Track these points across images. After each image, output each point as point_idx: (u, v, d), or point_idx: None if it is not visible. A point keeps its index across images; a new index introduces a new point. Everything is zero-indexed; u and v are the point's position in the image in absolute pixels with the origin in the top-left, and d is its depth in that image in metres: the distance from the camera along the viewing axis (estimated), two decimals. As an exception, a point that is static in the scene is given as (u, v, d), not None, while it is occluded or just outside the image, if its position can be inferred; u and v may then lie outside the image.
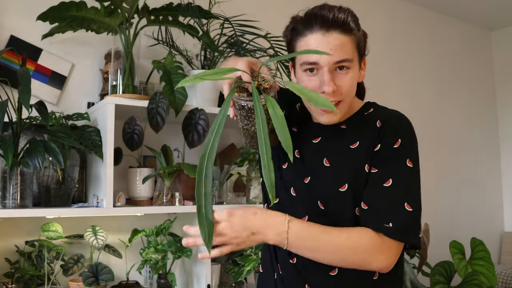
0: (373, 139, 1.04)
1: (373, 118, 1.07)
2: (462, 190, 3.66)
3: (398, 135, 1.03)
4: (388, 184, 1.00)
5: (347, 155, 1.06)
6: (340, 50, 0.99)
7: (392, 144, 1.02)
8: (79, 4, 1.79)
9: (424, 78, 3.55)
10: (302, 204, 1.08)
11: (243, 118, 1.00)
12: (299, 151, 1.13)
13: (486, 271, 2.21)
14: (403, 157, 1.01)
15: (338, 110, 1.00)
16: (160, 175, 1.86)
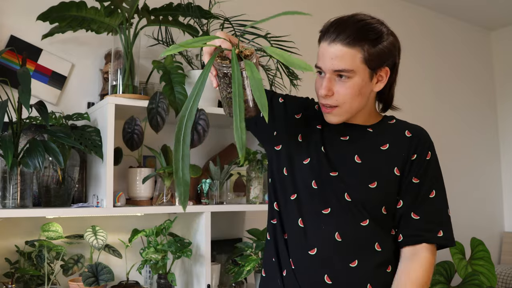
0: (405, 147, 1.15)
1: (400, 127, 1.19)
2: (462, 190, 3.66)
3: (428, 147, 1.16)
4: (433, 196, 1.15)
5: (379, 154, 1.15)
6: (340, 60, 1.06)
7: (425, 156, 1.15)
8: (79, 4, 1.79)
9: (424, 78, 3.55)
10: (325, 197, 1.13)
11: (226, 86, 1.02)
12: (324, 146, 1.19)
13: (486, 271, 2.21)
14: (436, 168, 1.17)
15: (334, 113, 1.12)
16: (160, 175, 1.86)
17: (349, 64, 1.06)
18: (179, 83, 1.78)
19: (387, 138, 1.17)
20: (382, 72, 1.13)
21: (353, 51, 1.06)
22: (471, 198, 3.72)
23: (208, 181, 1.94)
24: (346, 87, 1.08)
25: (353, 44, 1.06)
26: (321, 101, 1.13)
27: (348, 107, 1.11)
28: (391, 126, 1.21)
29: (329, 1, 3.02)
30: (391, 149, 1.15)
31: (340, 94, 1.09)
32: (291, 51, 2.00)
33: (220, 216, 2.26)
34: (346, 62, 1.06)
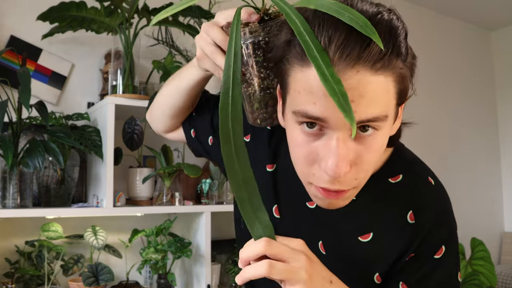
0: (403, 243, 0.69)
1: (404, 199, 0.71)
2: (462, 191, 3.66)
3: (443, 239, 0.70)
4: None
5: (352, 249, 0.72)
6: (370, 102, 0.55)
7: (433, 254, 0.69)
8: (79, 4, 1.79)
9: (424, 78, 3.55)
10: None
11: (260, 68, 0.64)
12: (278, 208, 0.78)
13: (486, 271, 2.21)
14: (450, 271, 0.70)
15: (345, 197, 0.62)
16: (160, 175, 1.86)
17: (385, 105, 0.57)
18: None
19: (374, 223, 0.71)
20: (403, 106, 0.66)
21: (388, 80, 0.56)
22: (471, 198, 3.72)
23: (208, 181, 1.94)
24: (374, 148, 0.59)
25: (388, 67, 0.56)
26: (323, 185, 0.61)
27: (365, 180, 0.63)
28: (391, 193, 0.71)
29: (329, 1, 3.03)
30: (376, 243, 0.71)
31: (364, 164, 0.60)
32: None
33: (220, 216, 2.26)
34: (382, 102, 0.57)
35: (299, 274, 0.53)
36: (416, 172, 0.73)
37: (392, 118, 0.60)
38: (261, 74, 0.64)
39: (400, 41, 0.57)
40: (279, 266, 0.53)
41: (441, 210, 0.71)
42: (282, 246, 0.54)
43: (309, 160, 0.60)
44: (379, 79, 0.54)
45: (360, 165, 0.59)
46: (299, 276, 0.53)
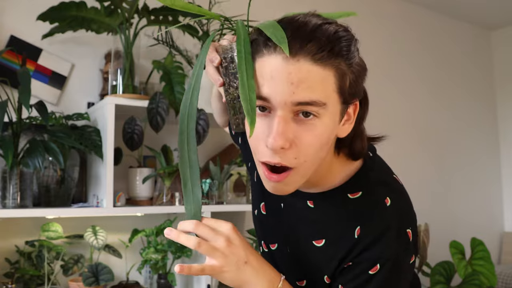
0: (344, 252, 0.76)
1: (355, 217, 0.76)
2: (462, 190, 3.66)
3: (378, 257, 0.73)
4: None
5: (307, 252, 0.80)
6: (308, 86, 0.65)
7: (368, 268, 0.74)
8: (79, 4, 1.79)
9: (423, 78, 3.55)
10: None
11: (234, 78, 0.74)
12: (265, 206, 0.89)
13: (486, 271, 2.21)
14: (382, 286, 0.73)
15: (287, 181, 0.70)
16: (160, 175, 1.86)
17: (323, 93, 0.66)
18: (179, 83, 1.78)
19: (327, 231, 0.78)
20: (351, 108, 0.73)
21: (328, 71, 0.66)
22: (471, 198, 3.72)
23: (208, 181, 1.94)
24: (313, 133, 0.67)
25: (327, 61, 0.66)
26: (265, 159, 0.69)
27: (307, 168, 0.70)
28: (346, 207, 0.77)
29: (327, 2, 3.02)
30: (327, 249, 0.78)
31: (303, 145, 0.68)
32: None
33: (220, 216, 2.25)
34: (320, 90, 0.66)
35: (216, 253, 0.68)
36: (375, 192, 0.77)
37: (334, 112, 0.69)
38: (235, 84, 0.73)
39: (342, 46, 0.67)
40: (202, 244, 0.68)
41: (384, 234, 0.73)
42: (206, 229, 0.69)
43: (259, 139, 0.69)
44: (318, 69, 0.66)
45: (299, 146, 0.68)
46: (216, 254, 0.68)
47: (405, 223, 0.76)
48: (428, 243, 2.36)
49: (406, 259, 0.76)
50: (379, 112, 3.19)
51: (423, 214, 3.17)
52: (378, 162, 0.83)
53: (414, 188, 3.33)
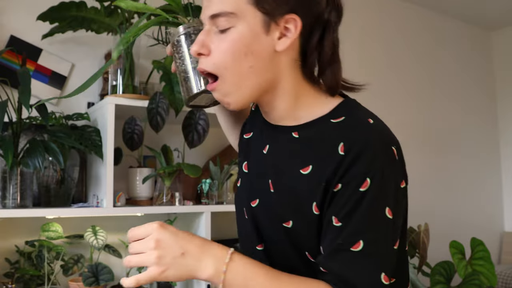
0: (330, 172, 0.73)
1: (338, 135, 0.74)
2: (462, 190, 3.66)
3: (366, 171, 0.70)
4: (358, 249, 0.70)
5: (295, 182, 0.77)
6: (219, 0, 0.73)
7: (357, 186, 0.70)
8: (79, 4, 1.79)
9: (424, 78, 3.55)
10: (253, 232, 0.86)
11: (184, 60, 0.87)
12: (247, 164, 0.90)
13: (486, 271, 2.21)
14: (376, 205, 0.71)
15: (218, 89, 0.77)
16: (160, 175, 1.86)
17: (230, 4, 0.72)
18: (179, 83, 1.78)
19: (313, 156, 0.76)
20: (288, 23, 0.74)
21: None
22: (471, 198, 3.72)
23: (208, 181, 1.94)
24: (224, 42, 0.73)
25: None
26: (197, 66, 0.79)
27: (230, 77, 0.75)
28: (329, 133, 0.76)
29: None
30: (314, 174, 0.75)
31: (218, 51, 0.74)
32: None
33: (220, 216, 2.25)
34: (227, 2, 0.72)
35: (149, 259, 0.68)
36: (358, 115, 0.77)
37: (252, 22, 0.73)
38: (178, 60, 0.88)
39: None
40: (130, 259, 0.70)
41: (369, 144, 0.71)
42: (134, 244, 0.71)
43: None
44: None
45: (217, 52, 0.74)
46: (149, 261, 0.68)
47: (389, 141, 0.74)
48: (428, 243, 2.36)
49: (397, 177, 0.74)
50: (379, 112, 3.19)
51: (423, 214, 3.18)
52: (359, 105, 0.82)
53: (414, 188, 3.32)
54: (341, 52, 0.81)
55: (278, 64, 0.76)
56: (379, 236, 0.71)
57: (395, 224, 0.73)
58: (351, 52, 3.10)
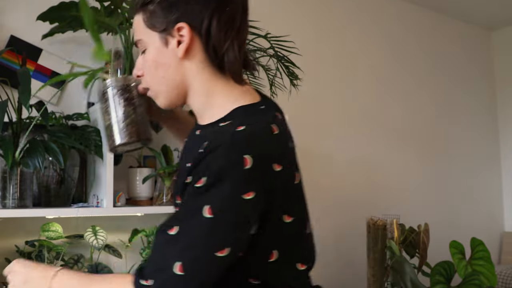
0: (190, 165, 0.79)
1: (208, 136, 0.81)
2: (462, 190, 3.66)
3: (204, 170, 0.75)
4: (172, 233, 0.75)
5: (184, 174, 0.82)
6: (135, 30, 0.92)
7: (195, 182, 0.76)
8: (79, 4, 1.79)
9: (424, 78, 3.55)
10: None
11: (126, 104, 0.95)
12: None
13: (486, 271, 2.21)
14: (201, 202, 0.74)
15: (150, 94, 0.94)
16: (160, 175, 1.86)
17: (139, 33, 0.91)
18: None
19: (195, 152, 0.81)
20: (180, 31, 0.85)
21: (139, 16, 0.91)
22: (471, 198, 3.72)
23: (208, 181, 1.94)
24: (145, 59, 0.91)
25: (139, 9, 0.90)
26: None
27: (153, 86, 0.92)
28: (210, 132, 0.84)
29: (329, 2, 3.03)
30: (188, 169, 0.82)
31: (147, 69, 0.91)
32: (291, 51, 2.01)
33: (220, 216, 2.25)
34: (137, 31, 0.91)
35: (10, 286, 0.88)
36: (239, 119, 0.81)
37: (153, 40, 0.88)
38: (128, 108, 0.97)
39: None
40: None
41: (217, 147, 0.75)
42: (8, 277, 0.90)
43: None
44: (137, 16, 0.91)
45: (146, 71, 0.91)
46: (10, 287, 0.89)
47: (243, 148, 0.74)
48: (428, 243, 2.36)
49: (238, 184, 0.73)
50: (379, 112, 3.19)
51: (423, 214, 3.18)
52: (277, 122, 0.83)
53: (414, 188, 3.33)
54: (341, 52, 0.83)
55: (185, 69, 0.87)
56: (191, 230, 0.74)
57: (215, 225, 0.73)
58: (351, 52, 3.10)
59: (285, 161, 0.79)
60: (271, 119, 0.81)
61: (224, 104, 0.86)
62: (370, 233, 2.39)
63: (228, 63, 0.85)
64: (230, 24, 0.85)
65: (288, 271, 0.83)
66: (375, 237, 2.36)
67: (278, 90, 2.20)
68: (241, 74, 0.88)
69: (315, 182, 2.78)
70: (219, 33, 0.84)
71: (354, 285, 2.76)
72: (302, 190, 0.87)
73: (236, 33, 0.86)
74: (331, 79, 2.96)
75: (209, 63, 0.86)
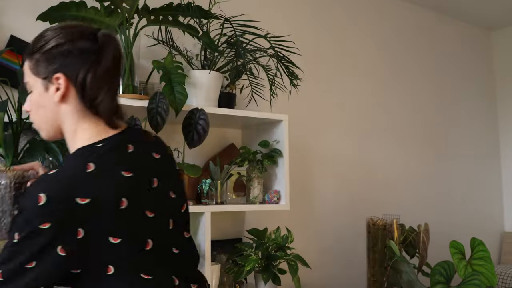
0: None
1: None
2: (462, 190, 3.67)
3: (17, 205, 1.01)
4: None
5: None
6: (24, 74, 1.06)
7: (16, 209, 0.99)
8: (79, 4, 1.79)
9: (424, 78, 3.55)
10: None
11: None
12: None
13: (486, 271, 2.21)
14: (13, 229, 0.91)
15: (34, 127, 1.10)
16: (160, 175, 1.86)
17: (25, 76, 1.05)
18: (179, 83, 1.78)
19: None
20: (58, 80, 1.01)
21: (26, 62, 1.04)
22: (471, 198, 3.72)
23: (208, 181, 1.94)
24: (30, 100, 1.06)
25: (28, 55, 1.04)
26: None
27: (36, 123, 1.08)
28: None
29: (329, 2, 3.03)
30: None
31: (32, 108, 1.07)
32: (291, 51, 2.01)
33: (220, 216, 2.26)
34: (26, 75, 1.05)
35: None
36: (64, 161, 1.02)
37: (37, 85, 1.02)
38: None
39: (35, 43, 1.02)
40: None
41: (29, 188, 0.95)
42: None
43: None
44: (26, 62, 1.04)
45: (32, 109, 1.06)
46: None
47: (41, 188, 0.90)
48: (428, 243, 2.36)
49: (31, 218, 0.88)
50: (379, 112, 3.19)
51: (423, 214, 3.18)
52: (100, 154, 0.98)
53: (414, 188, 3.33)
54: (341, 52, 0.83)
55: (60, 112, 1.02)
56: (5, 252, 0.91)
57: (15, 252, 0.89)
58: (351, 52, 3.10)
59: (101, 192, 0.92)
60: (92, 158, 0.95)
61: (80, 144, 1.01)
62: (370, 233, 2.40)
63: (102, 110, 1.01)
64: (105, 77, 1.01)
65: (131, 280, 0.95)
66: (375, 237, 2.36)
67: (278, 90, 2.20)
68: (112, 119, 1.04)
69: (315, 182, 2.78)
70: (94, 85, 1.00)
71: (354, 285, 2.76)
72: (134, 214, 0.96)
73: (110, 83, 1.03)
74: (331, 79, 2.96)
75: (83, 108, 1.01)
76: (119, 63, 1.06)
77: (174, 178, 1.10)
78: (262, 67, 2.14)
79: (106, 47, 1.02)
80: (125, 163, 0.98)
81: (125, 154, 1.00)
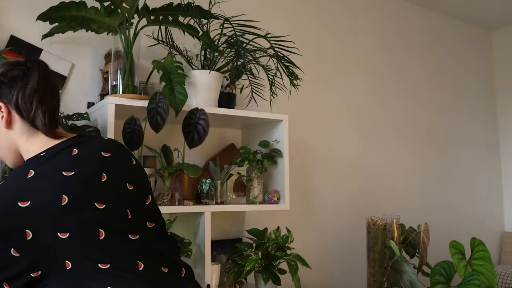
0: None
1: None
2: (462, 190, 3.67)
3: None
4: None
5: None
6: None
7: None
8: (79, 4, 1.79)
9: (424, 78, 3.55)
10: None
11: None
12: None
13: (486, 271, 2.21)
14: None
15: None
16: (160, 175, 1.86)
17: None
18: (179, 83, 1.78)
19: None
20: (1, 109, 1.14)
21: None
22: (471, 198, 3.72)
23: (208, 181, 1.94)
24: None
25: None
26: None
27: (5, 157, 1.19)
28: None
29: (329, 2, 3.03)
30: None
31: None
32: (291, 51, 2.01)
33: (220, 216, 2.26)
34: None
35: None
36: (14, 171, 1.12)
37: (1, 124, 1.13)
38: None
39: None
40: None
41: None
42: None
43: None
44: None
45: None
46: None
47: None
48: (428, 243, 2.36)
49: None
50: (379, 112, 3.19)
51: (423, 214, 3.18)
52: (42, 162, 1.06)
53: (414, 188, 3.33)
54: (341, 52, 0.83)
55: (12, 136, 1.14)
56: None
57: None
58: (351, 52, 3.10)
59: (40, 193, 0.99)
60: (32, 166, 1.04)
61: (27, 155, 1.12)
62: (370, 233, 2.39)
63: (38, 125, 1.13)
64: (33, 96, 1.12)
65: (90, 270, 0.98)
66: (375, 237, 2.36)
67: (278, 90, 2.20)
68: (51, 131, 1.15)
69: (315, 182, 2.78)
70: (24, 105, 1.12)
71: (354, 285, 2.76)
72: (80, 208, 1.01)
73: (40, 101, 1.13)
74: (331, 78, 2.96)
75: (28, 127, 1.13)
76: (47, 83, 1.17)
77: (132, 172, 1.16)
78: (262, 67, 2.14)
79: (32, 71, 1.14)
80: (67, 165, 1.05)
81: (68, 157, 1.08)
